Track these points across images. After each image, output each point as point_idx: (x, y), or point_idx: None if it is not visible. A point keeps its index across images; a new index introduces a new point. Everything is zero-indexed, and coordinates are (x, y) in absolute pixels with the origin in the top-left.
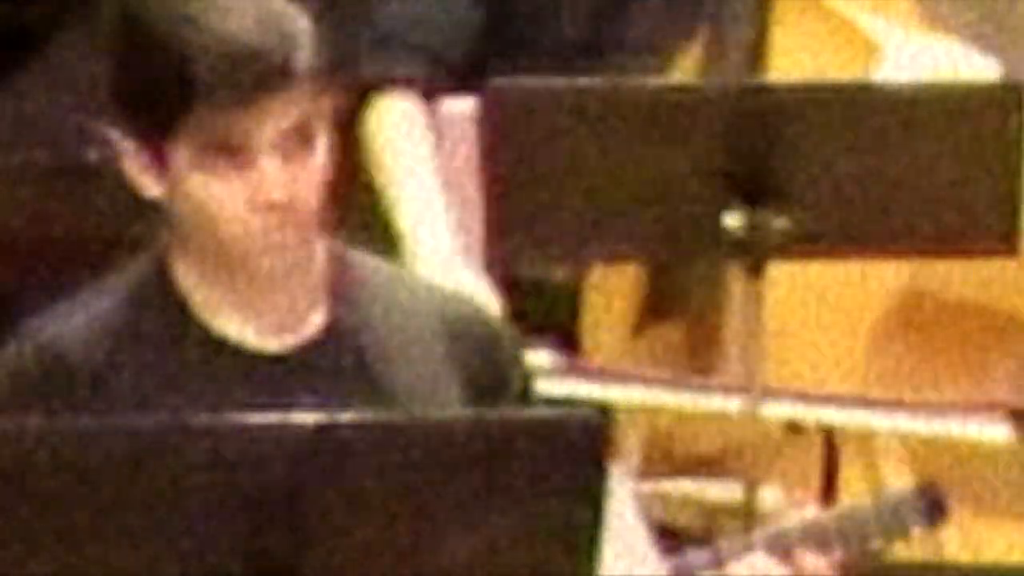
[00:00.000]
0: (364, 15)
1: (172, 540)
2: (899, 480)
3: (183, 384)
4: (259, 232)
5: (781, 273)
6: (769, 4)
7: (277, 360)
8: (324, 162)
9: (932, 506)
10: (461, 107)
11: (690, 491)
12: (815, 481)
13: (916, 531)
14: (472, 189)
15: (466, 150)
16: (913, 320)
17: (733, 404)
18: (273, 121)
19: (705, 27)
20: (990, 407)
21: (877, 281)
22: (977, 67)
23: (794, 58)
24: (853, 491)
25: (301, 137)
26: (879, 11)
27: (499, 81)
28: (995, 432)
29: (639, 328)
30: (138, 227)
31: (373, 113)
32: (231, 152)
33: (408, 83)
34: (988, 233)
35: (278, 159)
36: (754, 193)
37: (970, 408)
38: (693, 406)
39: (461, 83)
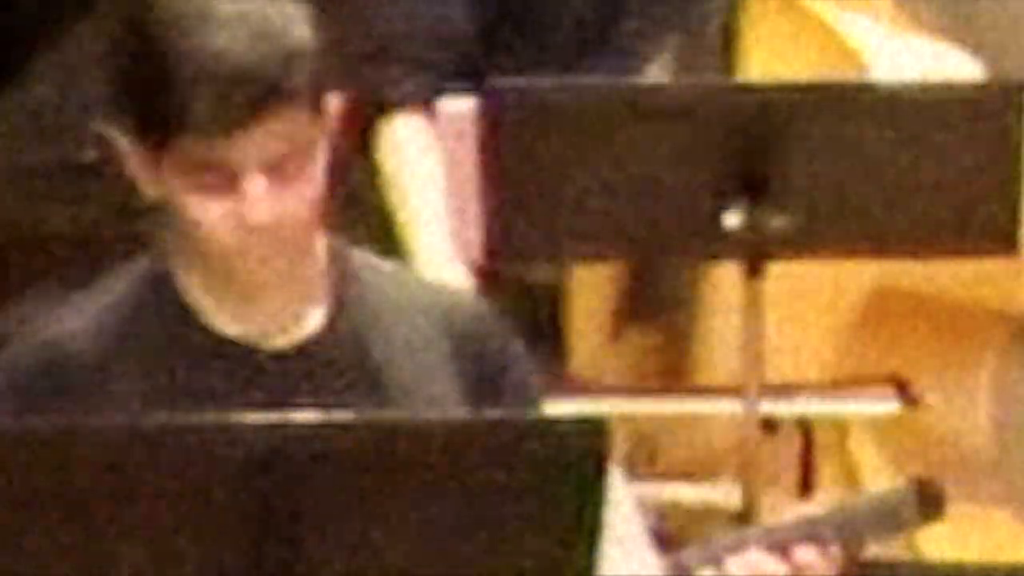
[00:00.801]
0: (360, 28)
1: (171, 540)
2: (877, 477)
3: (183, 383)
4: (246, 250)
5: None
6: (741, 4)
7: (277, 358)
8: (318, 178)
9: (929, 501)
10: (461, 107)
11: (674, 494)
12: (792, 479)
13: (913, 527)
14: (472, 189)
15: (466, 150)
16: (892, 315)
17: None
18: (262, 144)
19: (675, 29)
20: (877, 381)
21: (856, 276)
22: (957, 65)
23: (765, 55)
24: (830, 489)
25: (293, 157)
26: (856, 10)
27: (499, 81)
28: (885, 406)
29: (618, 330)
30: (138, 227)
31: (384, 133)
32: (218, 172)
33: (416, 101)
34: (988, 233)
35: (265, 181)
36: (754, 193)
37: (857, 384)
38: (677, 413)
39: (459, 88)
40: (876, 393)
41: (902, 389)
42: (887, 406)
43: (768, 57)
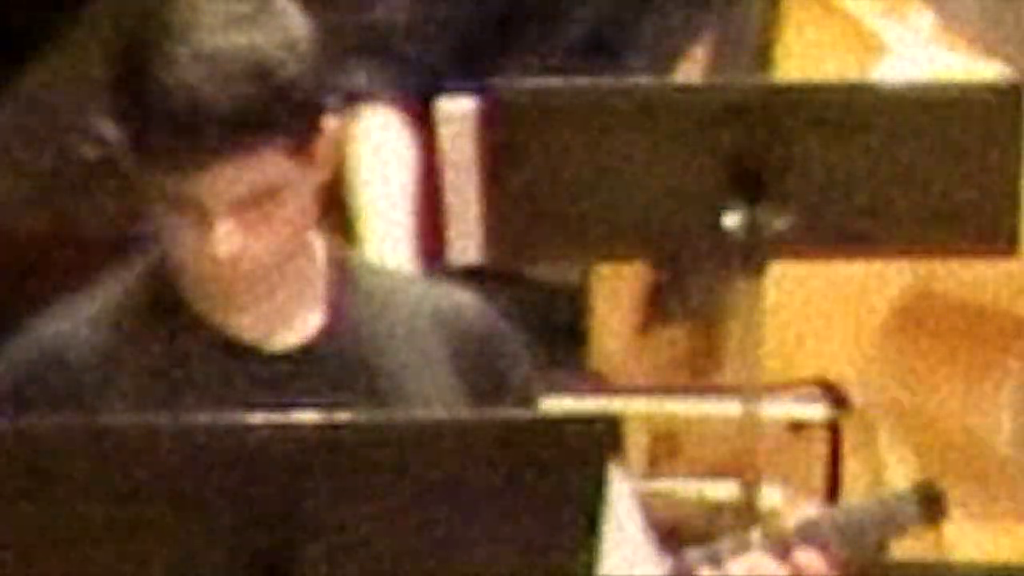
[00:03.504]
0: (345, 23)
1: (171, 539)
2: (903, 480)
3: (183, 384)
4: (211, 278)
5: (786, 274)
6: (778, 4)
7: (277, 360)
8: (296, 219)
9: (930, 505)
10: (461, 107)
11: (695, 491)
12: (819, 481)
13: (914, 530)
14: (472, 189)
15: (466, 150)
16: (918, 321)
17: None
18: (231, 184)
19: (713, 27)
20: (806, 385)
21: (883, 282)
22: (988, 76)
23: (803, 58)
24: (857, 491)
25: (266, 197)
26: (897, 17)
27: (499, 81)
28: (812, 411)
29: (644, 330)
30: (138, 227)
31: (348, 127)
32: (187, 206)
33: (384, 94)
34: (988, 233)
35: (233, 219)
36: (754, 193)
37: (786, 389)
38: (690, 413)
39: (445, 86)
40: (803, 395)
41: (830, 392)
42: (813, 410)
43: (805, 59)
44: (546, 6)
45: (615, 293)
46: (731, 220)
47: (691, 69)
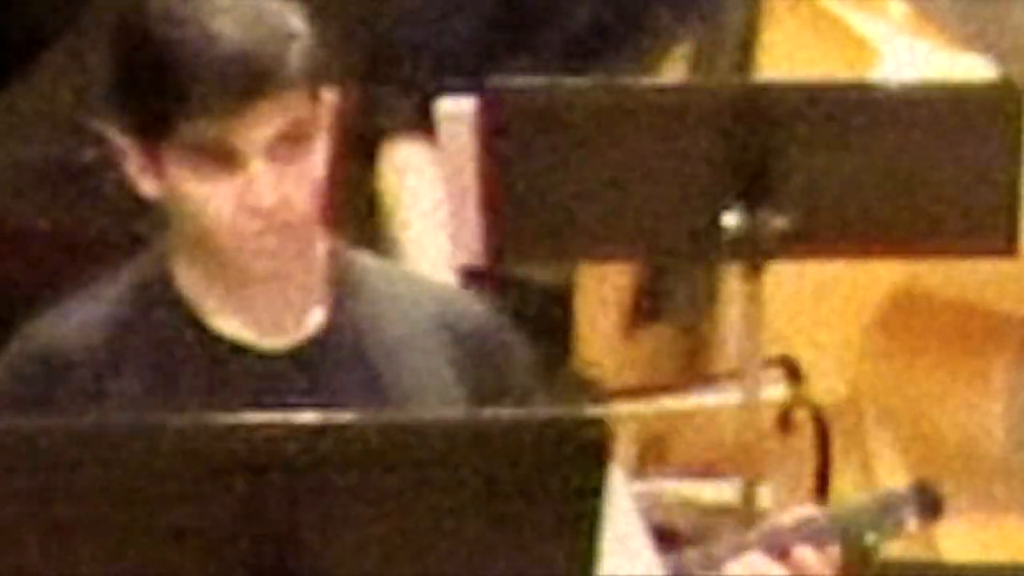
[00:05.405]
0: (361, 45)
1: (170, 540)
2: (893, 478)
3: (183, 384)
4: (251, 236)
5: (776, 271)
6: (760, 3)
7: (277, 359)
8: (320, 163)
9: (928, 503)
10: (461, 107)
11: (684, 492)
12: (808, 480)
13: (912, 528)
14: (471, 189)
15: (466, 150)
16: (908, 318)
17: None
18: (263, 125)
19: (695, 26)
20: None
21: (872, 280)
22: (972, 69)
23: (785, 57)
24: (846, 490)
25: (294, 139)
26: (873, 11)
27: (498, 81)
28: (773, 392)
29: (631, 330)
30: (138, 227)
31: (385, 159)
32: (221, 156)
33: (414, 124)
34: (988, 233)
35: (269, 163)
36: (753, 193)
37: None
38: (682, 409)
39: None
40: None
41: (790, 371)
42: (775, 390)
43: (786, 57)
44: (537, 9)
45: (602, 293)
46: (730, 220)
47: (674, 68)
